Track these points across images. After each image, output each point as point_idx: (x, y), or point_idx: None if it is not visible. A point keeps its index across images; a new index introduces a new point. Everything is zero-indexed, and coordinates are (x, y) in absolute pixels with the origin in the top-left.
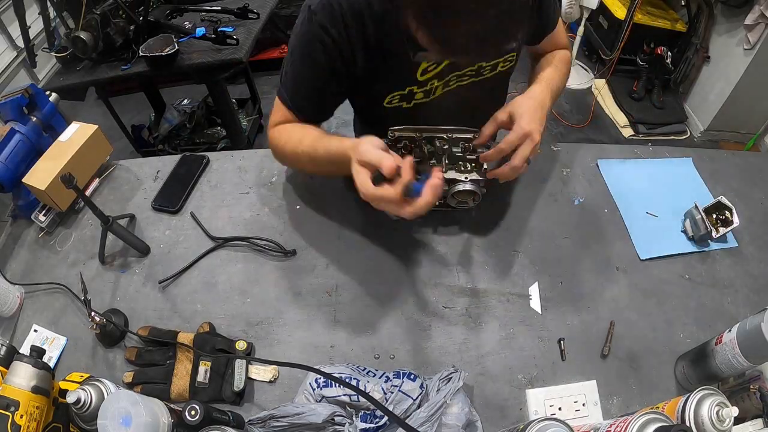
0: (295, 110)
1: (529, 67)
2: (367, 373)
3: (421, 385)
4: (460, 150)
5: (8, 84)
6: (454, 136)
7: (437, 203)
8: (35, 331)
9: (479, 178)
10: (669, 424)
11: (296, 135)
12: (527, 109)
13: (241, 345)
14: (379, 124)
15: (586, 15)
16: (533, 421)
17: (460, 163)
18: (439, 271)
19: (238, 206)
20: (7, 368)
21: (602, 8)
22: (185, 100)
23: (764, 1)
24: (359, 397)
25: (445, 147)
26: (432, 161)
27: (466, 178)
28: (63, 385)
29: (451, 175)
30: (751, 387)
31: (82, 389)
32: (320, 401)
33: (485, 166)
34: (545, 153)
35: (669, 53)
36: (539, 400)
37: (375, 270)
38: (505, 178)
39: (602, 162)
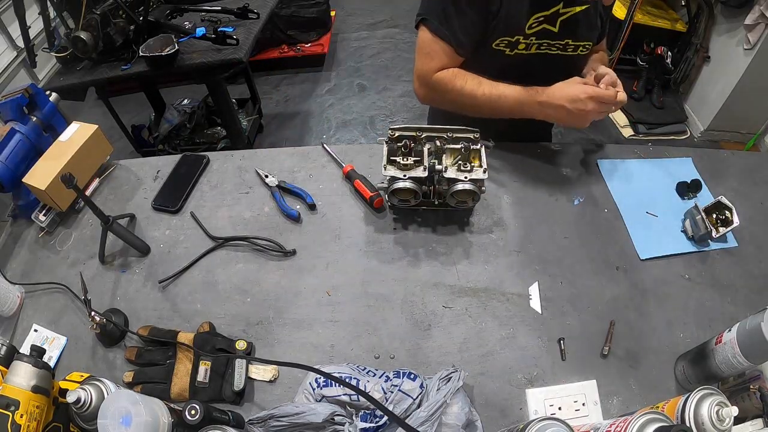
0: (457, 46)
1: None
2: (367, 373)
3: (421, 384)
4: (460, 149)
5: (8, 84)
6: (455, 135)
7: (436, 203)
8: (35, 330)
9: (479, 177)
10: (669, 424)
11: (473, 80)
12: (604, 67)
13: (241, 345)
14: (480, 61)
15: None
16: (533, 420)
17: (460, 162)
18: (439, 271)
19: (238, 206)
20: (8, 368)
21: None
22: (185, 100)
23: (764, 1)
24: (359, 396)
25: (446, 146)
26: (433, 160)
27: (465, 177)
28: (63, 384)
29: (451, 174)
30: (751, 387)
31: (82, 389)
32: (320, 401)
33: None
34: (545, 153)
35: (669, 53)
36: (539, 400)
37: (375, 270)
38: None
39: (602, 162)
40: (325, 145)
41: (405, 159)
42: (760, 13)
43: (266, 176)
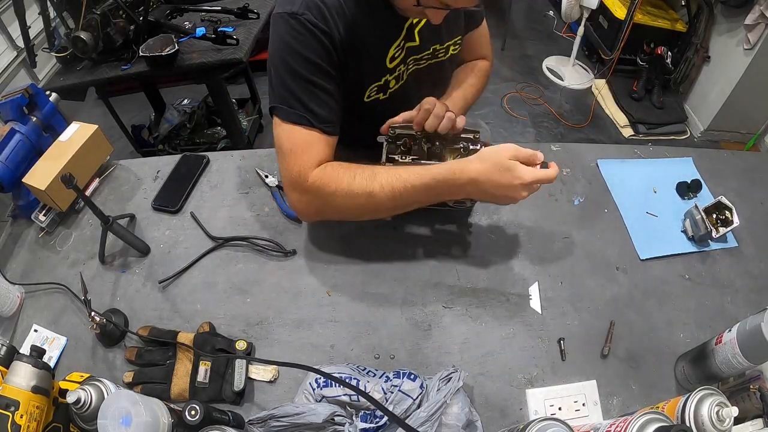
0: (323, 126)
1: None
2: (367, 373)
3: (421, 385)
4: (460, 149)
5: (8, 84)
6: (454, 135)
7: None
8: (35, 331)
9: None
10: (669, 424)
11: (366, 172)
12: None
13: (241, 345)
14: (359, 123)
15: (586, 15)
16: (533, 421)
17: None
18: (439, 271)
19: (238, 206)
20: (7, 368)
21: (602, 8)
22: (185, 100)
23: (764, 1)
24: (359, 397)
25: (446, 146)
26: (432, 161)
27: None
28: (63, 384)
29: None
30: (751, 387)
31: (82, 389)
32: (320, 401)
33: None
34: (545, 153)
35: (669, 53)
36: (539, 400)
37: (375, 270)
38: (428, 126)
39: (602, 162)
40: None
41: (404, 158)
42: (760, 13)
43: (266, 176)
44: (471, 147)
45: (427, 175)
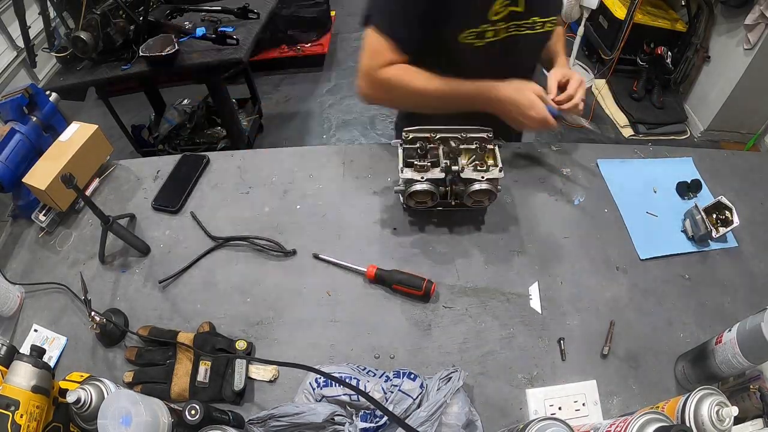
0: (397, 41)
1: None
2: (367, 373)
3: (421, 384)
4: (475, 149)
5: (8, 84)
6: (468, 135)
7: (453, 203)
8: (35, 330)
9: (496, 177)
10: (669, 424)
11: (422, 75)
12: (570, 71)
13: (241, 345)
14: (444, 63)
15: (586, 15)
16: (533, 420)
17: (476, 162)
18: (439, 271)
19: (238, 206)
20: (8, 368)
21: (602, 8)
22: (185, 100)
23: (764, 1)
24: (359, 396)
25: (461, 147)
26: (446, 162)
27: (482, 177)
28: (63, 384)
29: (468, 174)
30: (751, 387)
31: (82, 389)
32: (320, 401)
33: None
34: (545, 153)
35: (669, 53)
36: (539, 400)
37: None
38: (573, 111)
39: (602, 162)
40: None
41: (421, 161)
42: (760, 13)
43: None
44: (486, 146)
45: (467, 84)
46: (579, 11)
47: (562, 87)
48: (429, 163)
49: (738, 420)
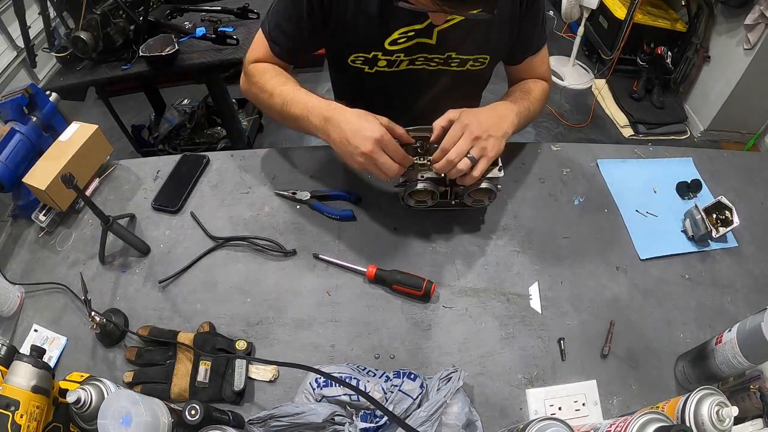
0: (271, 41)
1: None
2: (367, 373)
3: (421, 384)
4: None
5: (8, 84)
6: None
7: (453, 203)
8: (35, 330)
9: (496, 176)
10: (669, 424)
11: (274, 83)
12: (476, 111)
13: (241, 345)
14: (343, 82)
15: (586, 15)
16: (533, 420)
17: None
18: (439, 271)
19: (238, 206)
20: (8, 368)
21: (602, 8)
22: (185, 100)
23: (764, 1)
24: (359, 396)
25: None
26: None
27: (484, 176)
28: (63, 384)
29: None
30: (751, 387)
31: (82, 389)
32: (320, 401)
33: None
34: (545, 153)
35: (669, 53)
36: (539, 400)
37: None
38: (442, 171)
39: (602, 162)
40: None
41: (421, 160)
42: (760, 13)
43: (294, 193)
44: None
45: (314, 98)
46: (579, 11)
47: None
48: (428, 161)
49: (738, 420)
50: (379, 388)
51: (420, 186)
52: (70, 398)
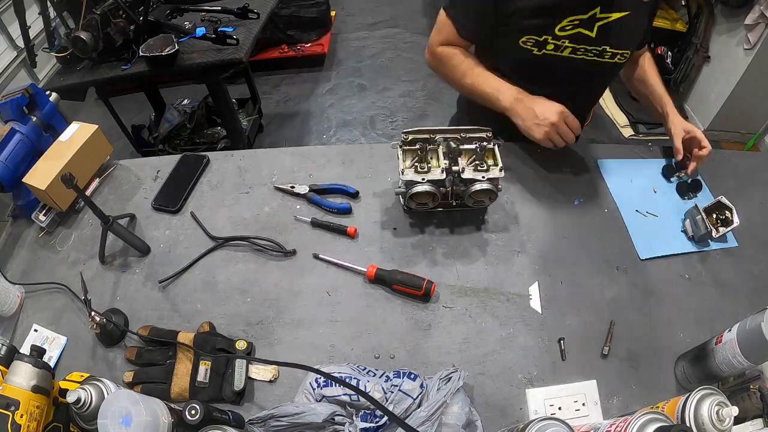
0: (459, 26)
1: (630, 73)
2: (367, 373)
3: (421, 384)
4: (475, 149)
5: (8, 84)
6: (468, 135)
7: (454, 204)
8: (35, 330)
9: (496, 176)
10: (669, 424)
11: (464, 67)
12: (698, 131)
13: (241, 345)
14: (504, 62)
15: None
16: (533, 420)
17: (476, 162)
18: (439, 271)
19: (238, 206)
20: (8, 368)
21: None
22: (185, 100)
23: (764, 1)
24: (359, 396)
25: (461, 147)
26: (447, 162)
27: (483, 177)
28: (63, 384)
29: (469, 174)
30: (751, 387)
31: (82, 389)
32: (320, 401)
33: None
34: (545, 153)
35: (669, 53)
36: (539, 400)
37: None
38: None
39: (602, 162)
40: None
41: (421, 162)
42: (760, 13)
43: (292, 187)
44: (486, 146)
45: (501, 81)
46: None
47: (686, 143)
48: (429, 164)
49: (738, 420)
50: (379, 388)
51: (421, 188)
52: (70, 398)
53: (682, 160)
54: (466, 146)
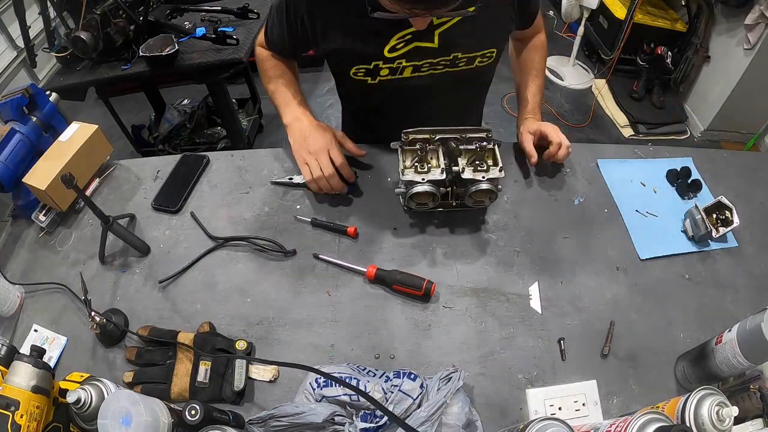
0: (268, 40)
1: (513, 55)
2: (367, 373)
3: (421, 384)
4: (475, 149)
5: (8, 84)
6: (468, 135)
7: (454, 204)
8: (35, 330)
9: (496, 176)
10: (669, 424)
11: (271, 73)
12: (548, 126)
13: (241, 345)
14: (350, 94)
15: (586, 15)
16: (533, 420)
17: (476, 163)
18: (439, 271)
19: (238, 206)
20: (8, 368)
21: (602, 8)
22: (185, 100)
23: (764, 1)
24: (359, 396)
25: (461, 147)
26: (447, 162)
27: (483, 177)
28: (63, 384)
29: (469, 174)
30: (751, 387)
31: (82, 389)
32: (320, 401)
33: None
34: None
35: (669, 53)
36: (539, 400)
37: None
38: (563, 157)
39: (602, 162)
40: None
41: (421, 162)
42: (760, 13)
43: (291, 178)
44: (486, 147)
45: (283, 106)
46: (579, 11)
47: (541, 142)
48: (429, 165)
49: (738, 420)
50: (379, 388)
51: (421, 188)
52: (70, 398)
53: (538, 162)
54: (466, 146)
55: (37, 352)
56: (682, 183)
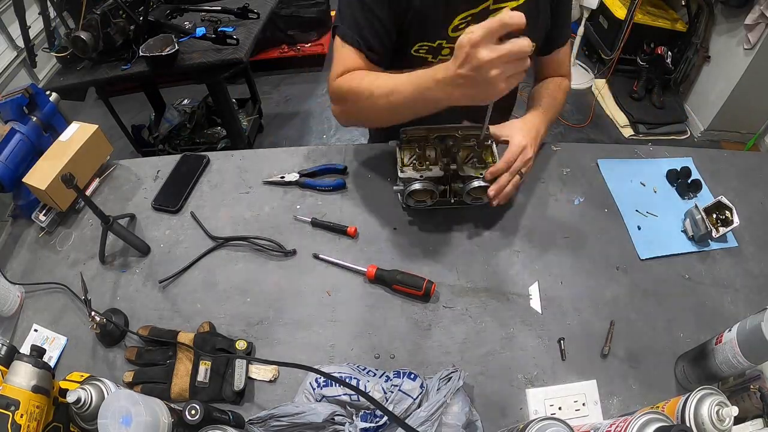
0: (362, 45)
1: (532, 88)
2: (367, 373)
3: (421, 384)
4: (472, 146)
5: (8, 84)
6: (465, 133)
7: (452, 201)
8: (35, 330)
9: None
10: (669, 424)
11: (370, 75)
12: (521, 128)
13: (241, 345)
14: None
15: (586, 15)
16: (533, 420)
17: (475, 159)
18: (439, 271)
19: (238, 206)
20: (8, 368)
21: (602, 8)
22: (185, 100)
23: (764, 1)
24: (359, 396)
25: (459, 145)
26: (445, 160)
27: (481, 174)
28: (63, 384)
29: (467, 172)
30: (751, 387)
31: (83, 389)
32: (320, 401)
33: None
34: (545, 153)
35: (669, 53)
36: (539, 400)
37: None
38: (504, 196)
39: (602, 162)
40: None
41: (419, 160)
42: (760, 13)
43: (282, 177)
44: (484, 143)
45: (410, 74)
46: (579, 11)
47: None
48: (427, 162)
49: (738, 420)
50: (379, 388)
51: (419, 186)
52: (70, 398)
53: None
54: (464, 143)
55: (37, 352)
56: (682, 183)
